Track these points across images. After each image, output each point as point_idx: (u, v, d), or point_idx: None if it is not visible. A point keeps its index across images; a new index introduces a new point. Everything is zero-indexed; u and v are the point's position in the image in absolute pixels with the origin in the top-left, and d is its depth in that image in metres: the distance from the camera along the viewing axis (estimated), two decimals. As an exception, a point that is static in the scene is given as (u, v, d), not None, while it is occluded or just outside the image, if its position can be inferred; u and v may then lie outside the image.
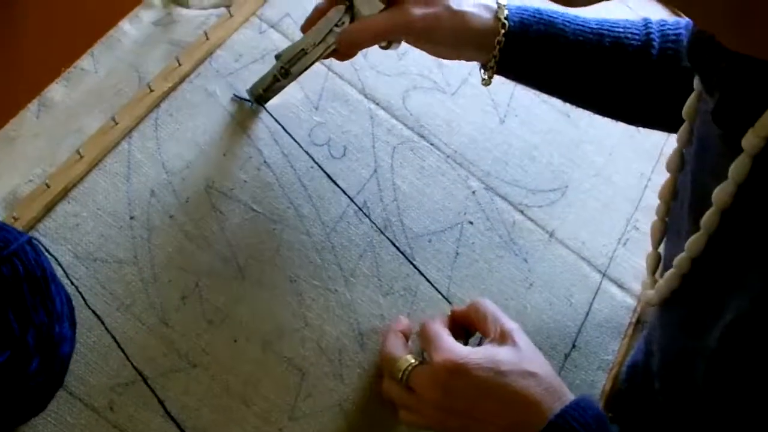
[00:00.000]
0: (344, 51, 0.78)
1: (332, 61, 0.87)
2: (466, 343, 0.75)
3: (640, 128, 1.04)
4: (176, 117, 0.84)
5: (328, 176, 0.86)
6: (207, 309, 0.77)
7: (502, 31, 0.77)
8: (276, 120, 0.86)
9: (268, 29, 0.93)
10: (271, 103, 0.87)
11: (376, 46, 0.81)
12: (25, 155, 0.84)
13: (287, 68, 0.82)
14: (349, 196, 0.86)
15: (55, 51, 0.96)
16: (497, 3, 0.78)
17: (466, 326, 0.76)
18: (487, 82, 0.80)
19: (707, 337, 0.56)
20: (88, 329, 0.73)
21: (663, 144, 1.10)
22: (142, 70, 0.89)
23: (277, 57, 0.83)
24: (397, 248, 0.87)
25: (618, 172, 1.06)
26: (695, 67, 0.63)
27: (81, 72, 0.90)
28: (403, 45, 0.82)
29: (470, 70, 1.02)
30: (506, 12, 0.78)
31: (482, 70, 0.80)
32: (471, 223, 0.91)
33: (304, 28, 0.81)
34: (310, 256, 0.83)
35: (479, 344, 0.72)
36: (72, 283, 0.73)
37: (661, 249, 0.76)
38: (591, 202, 1.01)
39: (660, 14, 1.18)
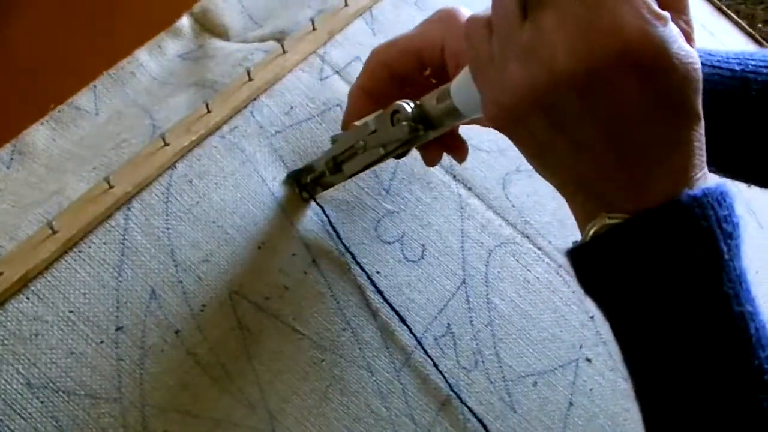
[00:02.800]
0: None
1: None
2: None
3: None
4: (197, 186, 0.59)
5: (385, 298, 0.60)
6: (218, 479, 0.51)
7: None
8: (324, 212, 0.61)
9: (331, 75, 0.68)
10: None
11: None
12: (-21, 221, 0.59)
13: (339, 162, 0.57)
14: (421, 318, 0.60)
15: (45, 80, 0.72)
16: None
17: None
18: None
19: None
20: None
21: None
22: (158, 117, 0.65)
23: (333, 141, 0.58)
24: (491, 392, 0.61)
25: (766, 296, 0.79)
26: None
27: (76, 112, 0.67)
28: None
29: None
30: None
31: None
32: (589, 360, 0.66)
33: (344, 125, 0.59)
34: (372, 402, 0.58)
35: None
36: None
37: None
38: None
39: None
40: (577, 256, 0.41)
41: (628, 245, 0.38)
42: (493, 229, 0.70)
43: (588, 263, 0.40)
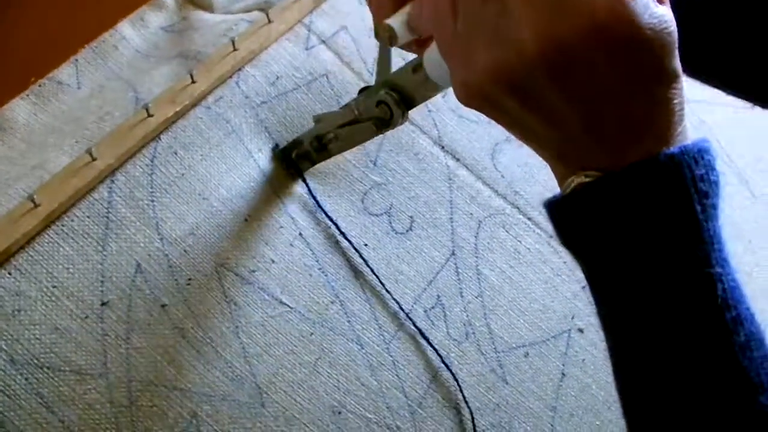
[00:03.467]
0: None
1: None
2: None
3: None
4: (182, 157, 0.58)
5: (370, 267, 0.59)
6: (206, 454, 0.50)
7: None
8: (309, 189, 0.60)
9: (318, 45, 0.67)
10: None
11: None
12: (-41, 197, 0.58)
13: (325, 143, 0.56)
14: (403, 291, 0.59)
15: (25, 55, 0.70)
16: None
17: None
18: None
19: None
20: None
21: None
22: (141, 90, 0.64)
23: (316, 121, 0.57)
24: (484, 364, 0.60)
25: (759, 266, 0.79)
26: None
27: (57, 86, 0.65)
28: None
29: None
30: None
31: None
32: (581, 331, 0.65)
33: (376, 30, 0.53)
34: (362, 375, 0.57)
35: None
36: None
37: None
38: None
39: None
40: (554, 208, 0.40)
41: (603, 200, 0.37)
42: (483, 200, 0.69)
43: (564, 216, 0.40)
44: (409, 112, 0.53)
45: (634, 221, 0.37)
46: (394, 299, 0.61)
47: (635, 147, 0.37)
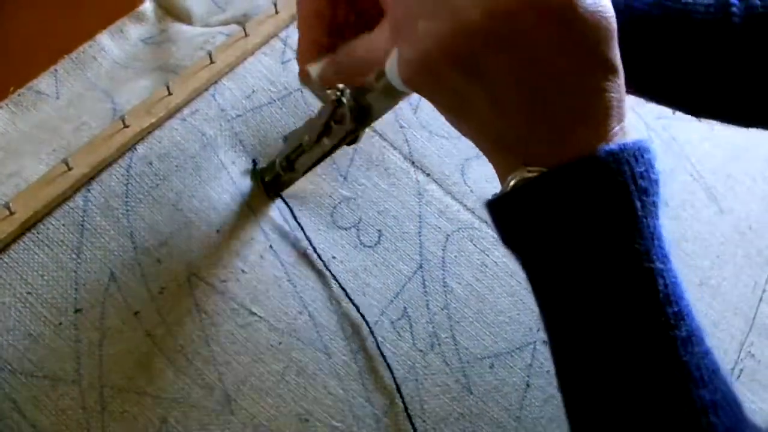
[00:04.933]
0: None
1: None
2: None
3: (752, 225, 0.87)
4: (157, 168, 0.59)
5: (336, 279, 0.61)
6: (175, 459, 0.52)
7: None
8: (284, 201, 0.61)
9: (293, 59, 0.68)
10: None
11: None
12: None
13: (292, 161, 0.57)
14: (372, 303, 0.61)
15: (4, 64, 0.71)
16: None
17: None
18: None
19: None
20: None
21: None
22: (119, 101, 0.65)
23: (285, 140, 0.59)
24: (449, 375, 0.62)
25: (726, 279, 0.81)
26: None
27: (36, 95, 0.66)
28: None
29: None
30: None
31: None
32: (546, 342, 0.66)
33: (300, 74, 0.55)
34: (329, 384, 0.58)
35: None
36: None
37: None
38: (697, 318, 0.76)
39: None
40: (495, 206, 0.41)
41: (544, 198, 0.38)
42: (451, 214, 0.70)
43: (506, 214, 0.41)
44: (382, 129, 0.54)
45: (574, 217, 0.38)
46: (360, 313, 0.62)
47: (574, 136, 0.38)
